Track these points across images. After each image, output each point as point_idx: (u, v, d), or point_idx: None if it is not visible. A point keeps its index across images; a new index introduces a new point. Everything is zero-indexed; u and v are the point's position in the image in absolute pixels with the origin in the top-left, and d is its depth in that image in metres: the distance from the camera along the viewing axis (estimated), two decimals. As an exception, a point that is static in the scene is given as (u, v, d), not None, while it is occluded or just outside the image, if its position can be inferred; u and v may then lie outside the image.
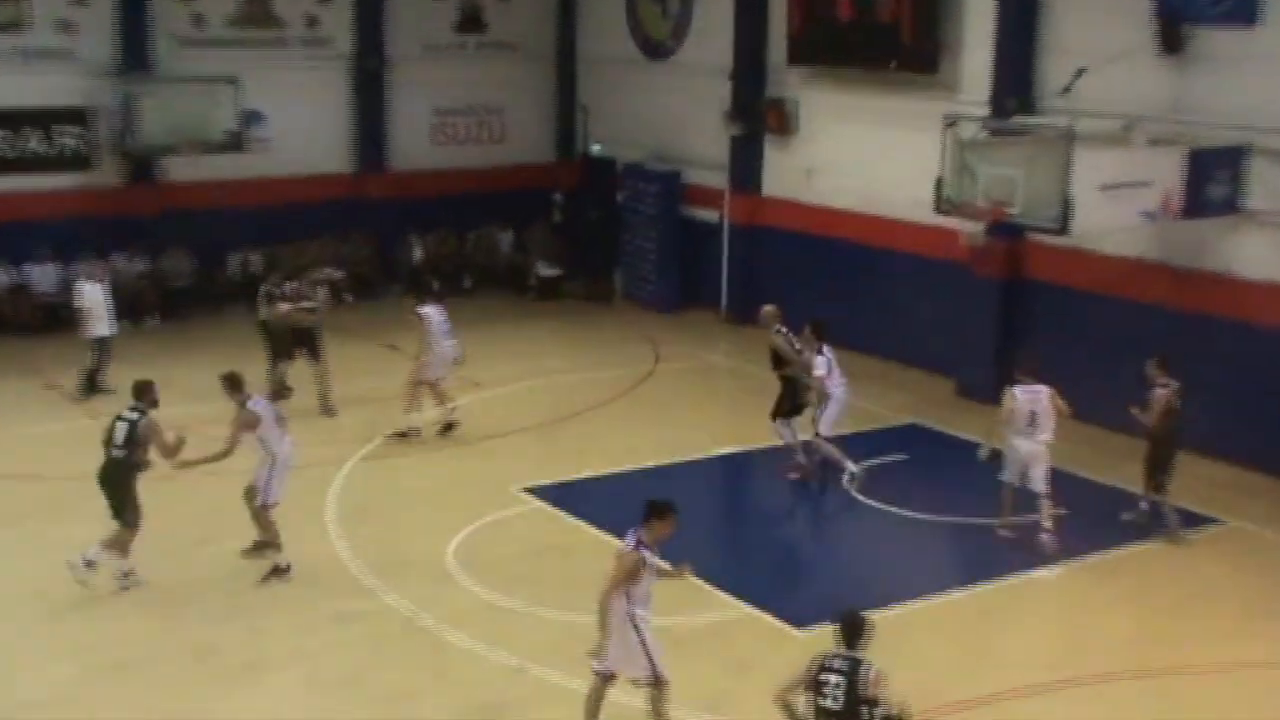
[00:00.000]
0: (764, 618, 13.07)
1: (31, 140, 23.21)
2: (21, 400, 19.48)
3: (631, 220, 26.13)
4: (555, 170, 28.51)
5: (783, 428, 17.01)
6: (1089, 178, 15.48)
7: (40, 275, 23.58)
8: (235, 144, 23.45)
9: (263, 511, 13.74)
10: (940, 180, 17.08)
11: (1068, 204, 15.46)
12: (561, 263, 27.21)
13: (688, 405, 19.90)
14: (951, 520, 15.57)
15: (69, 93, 23.13)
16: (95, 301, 19.59)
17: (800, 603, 13.48)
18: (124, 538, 13.48)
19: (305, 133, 25.48)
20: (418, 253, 26.74)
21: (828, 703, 8.77)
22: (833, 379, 16.53)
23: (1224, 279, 17.28)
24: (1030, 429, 14.73)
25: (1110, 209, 15.82)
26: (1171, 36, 17.31)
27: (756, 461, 17.43)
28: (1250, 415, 16.85)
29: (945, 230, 18.98)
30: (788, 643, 12.53)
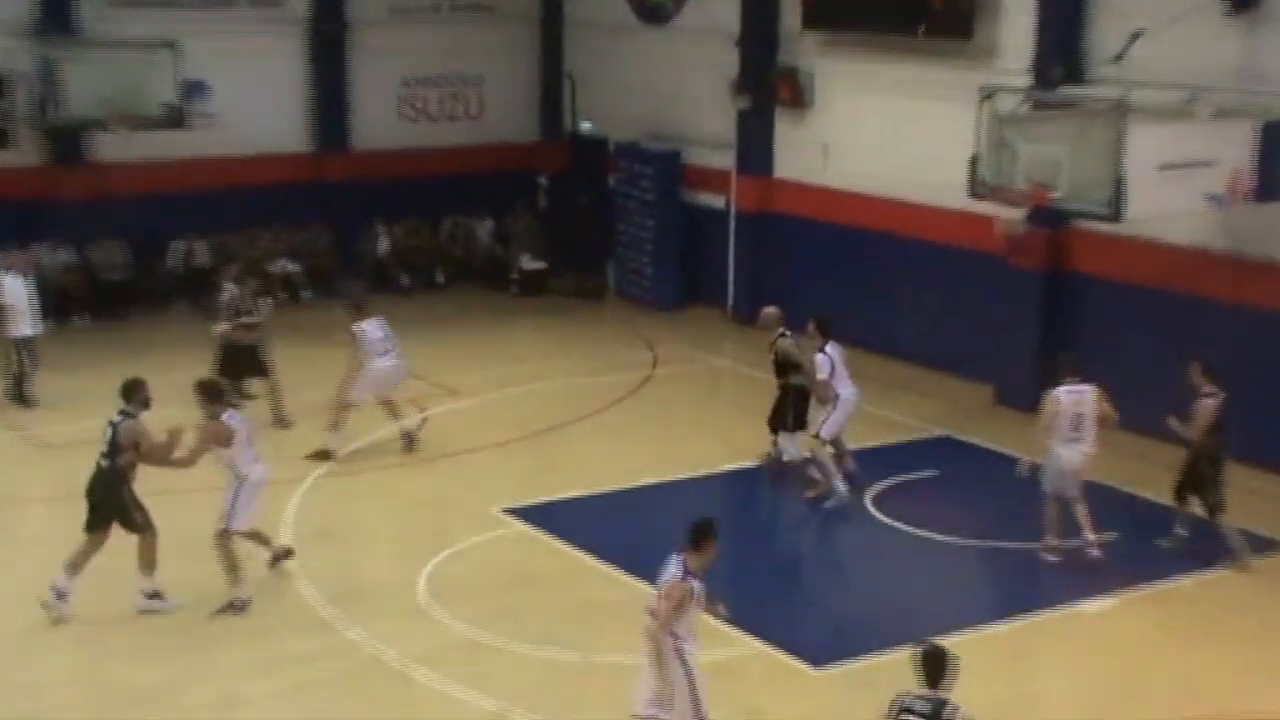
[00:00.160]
0: (776, 655, 13.06)
1: (-66, 113, 22.97)
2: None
3: (626, 207, 26.14)
4: (540, 150, 28.52)
5: (787, 442, 17.11)
6: (1145, 156, 15.49)
7: (-49, 268, 23.67)
8: (175, 119, 23.38)
9: (222, 539, 13.74)
10: (975, 160, 17.08)
11: (1120, 186, 15.46)
12: (547, 255, 27.22)
13: (689, 415, 19.91)
14: (987, 544, 15.57)
15: (-23, 57, 23.01)
16: (18, 297, 19.57)
17: (817, 638, 13.48)
18: (147, 549, 13.59)
19: (255, 107, 25.48)
20: (384, 243, 26.77)
21: None
22: (838, 380, 16.60)
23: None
24: (1075, 435, 14.78)
25: (1169, 191, 15.83)
26: (1241, -8, 17.35)
27: (766, 479, 17.43)
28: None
29: (980, 217, 18.99)
30: (803, 683, 12.52)
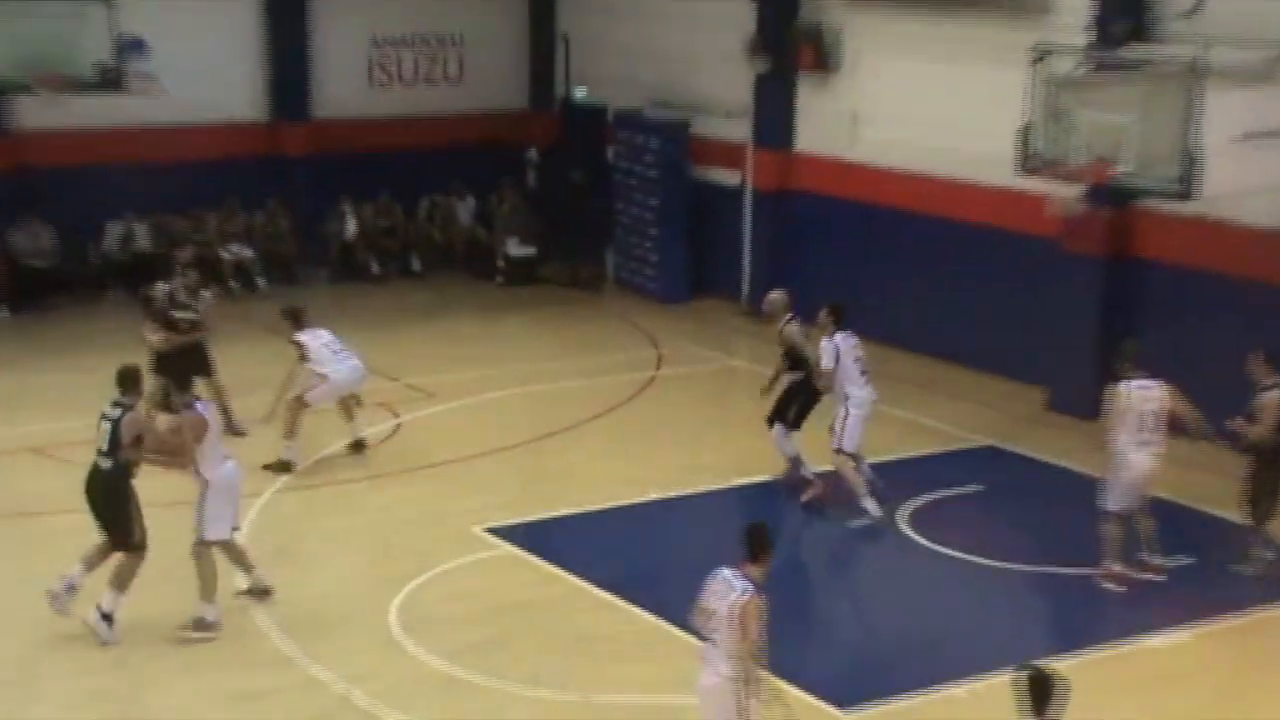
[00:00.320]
0: (796, 695, 12.99)
1: None
2: None
3: (626, 184, 26.13)
4: (528, 120, 28.53)
5: (782, 438, 17.18)
6: (1222, 125, 15.46)
7: None
8: (109, 82, 23.28)
9: (200, 549, 13.87)
10: (1026, 131, 17.05)
11: (1193, 160, 15.44)
12: (537, 240, 27.22)
13: (699, 421, 19.88)
14: (1038, 569, 15.53)
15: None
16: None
17: (842, 676, 13.46)
18: (128, 568, 13.64)
19: (203, 68, 25.48)
20: (351, 226, 26.78)
21: None
22: (847, 376, 16.58)
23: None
24: (1146, 436, 14.74)
25: (1250, 166, 15.81)
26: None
27: (787, 494, 17.38)
28: None
29: (1032, 196, 18.94)
30: (830, 727, 12.49)
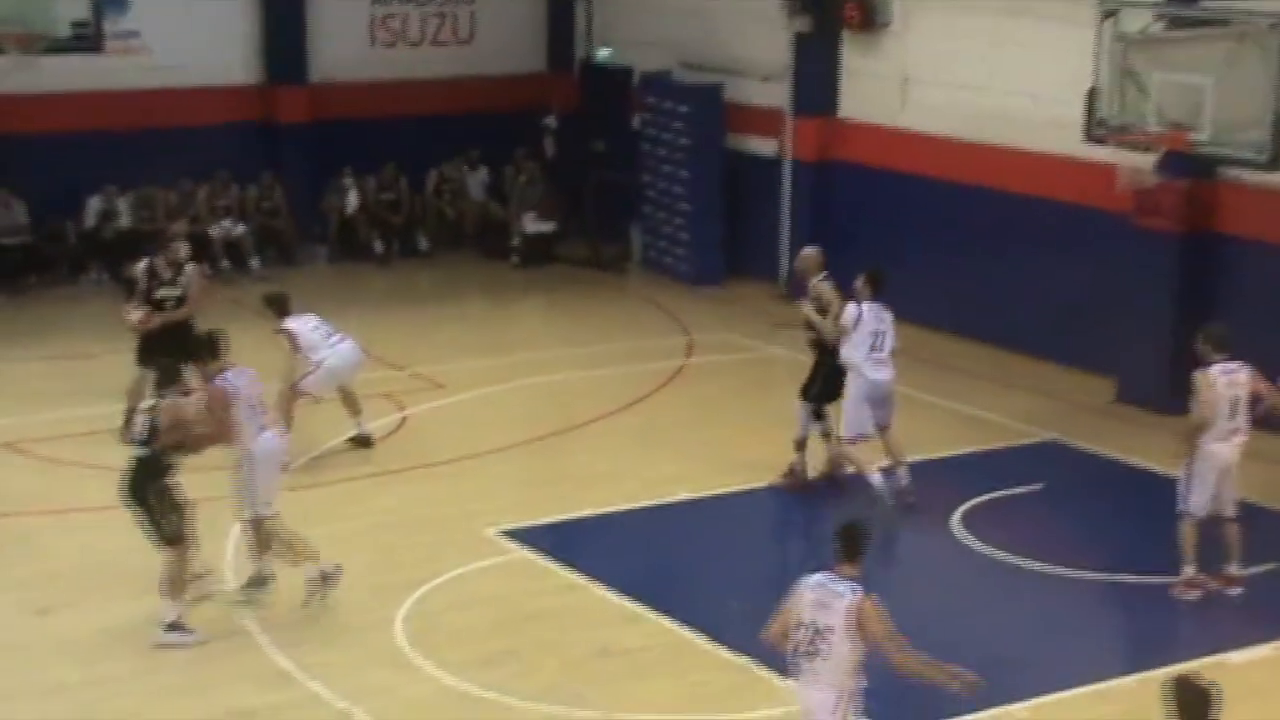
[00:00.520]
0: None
1: None
2: None
3: (654, 155, 26.13)
4: (546, 83, 28.54)
5: (802, 413, 17.28)
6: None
7: None
8: (87, 42, 23.39)
9: (256, 526, 14.27)
10: (1094, 94, 17.03)
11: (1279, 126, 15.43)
12: (555, 215, 27.24)
13: (733, 415, 19.88)
14: (1105, 577, 15.52)
15: None
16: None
17: (890, 694, 13.37)
18: (174, 567, 13.84)
19: (190, 27, 25.59)
20: (352, 200, 26.80)
21: None
22: (859, 350, 16.62)
23: None
24: (1231, 425, 14.74)
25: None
26: None
27: (828, 493, 17.43)
28: None
29: (1100, 166, 18.92)
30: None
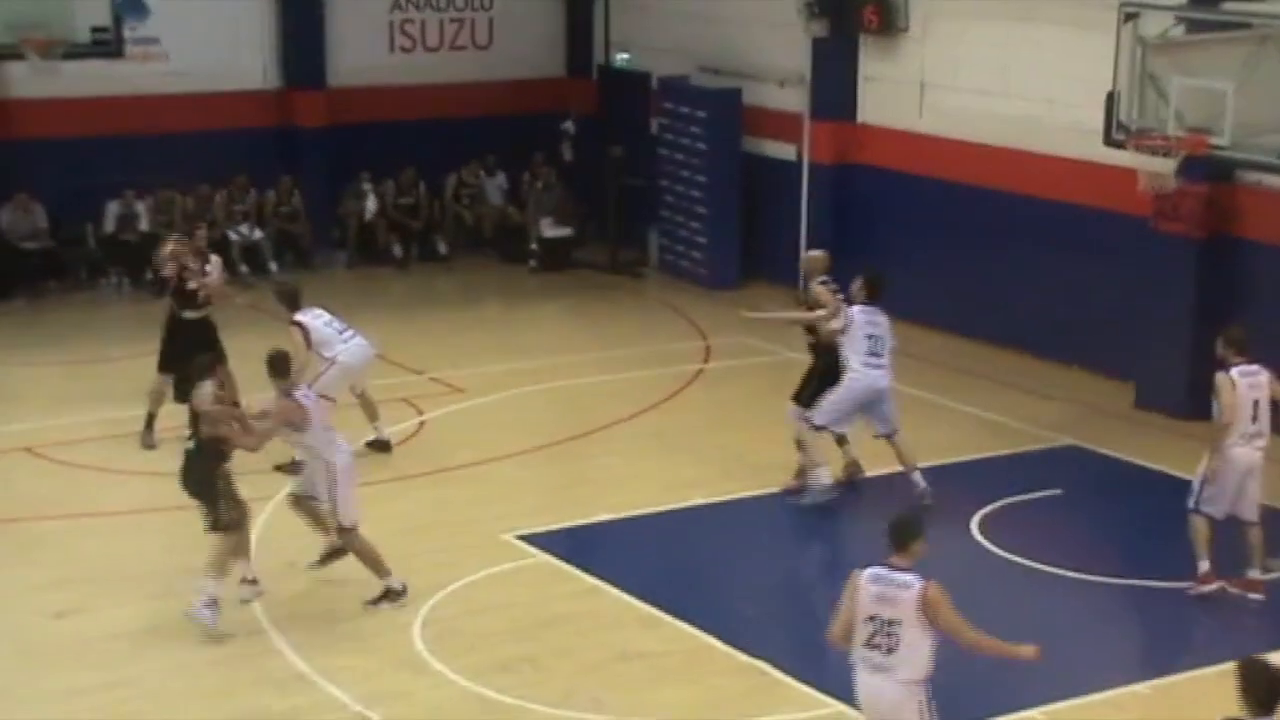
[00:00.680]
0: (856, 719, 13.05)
1: None
2: None
3: (672, 159, 26.14)
4: (565, 88, 28.57)
5: (797, 418, 17.22)
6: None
7: None
8: (108, 47, 23.44)
9: (346, 536, 14.61)
10: (1113, 98, 17.00)
11: (1299, 131, 15.43)
12: (574, 220, 27.25)
13: (751, 420, 19.85)
14: (1124, 582, 15.52)
15: None
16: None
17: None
18: (221, 550, 14.13)
19: (208, 32, 25.65)
20: (371, 204, 26.81)
21: None
22: (853, 348, 16.62)
23: None
24: (1254, 428, 14.72)
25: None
26: None
27: (848, 497, 17.44)
28: None
29: (1119, 170, 18.89)
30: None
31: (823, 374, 17.05)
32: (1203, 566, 14.90)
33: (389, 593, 14.60)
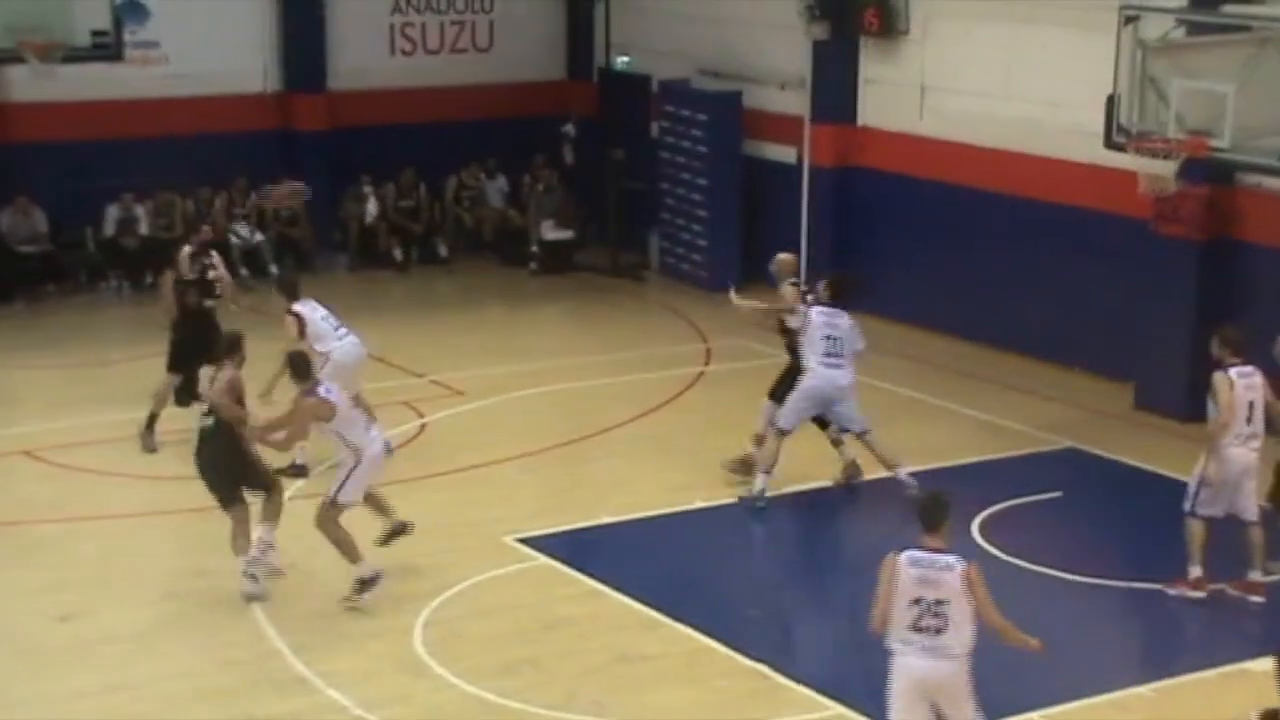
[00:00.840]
0: (857, 721, 13.07)
1: None
2: None
3: (673, 162, 26.14)
4: (565, 91, 28.57)
5: (769, 411, 17.40)
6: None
7: None
8: (108, 51, 23.42)
9: (329, 511, 14.61)
10: (1114, 101, 16.99)
11: (1299, 133, 15.42)
12: (574, 223, 27.24)
13: (751, 421, 19.73)
14: (1124, 585, 15.49)
15: None
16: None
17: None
18: (275, 505, 14.84)
19: (208, 36, 25.65)
20: (371, 207, 26.81)
21: None
22: (811, 348, 16.76)
23: None
24: (1249, 429, 14.75)
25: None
26: None
27: (847, 500, 17.44)
28: None
29: (1120, 172, 18.88)
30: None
31: (797, 373, 17.22)
32: (1194, 572, 14.91)
33: (360, 582, 14.59)
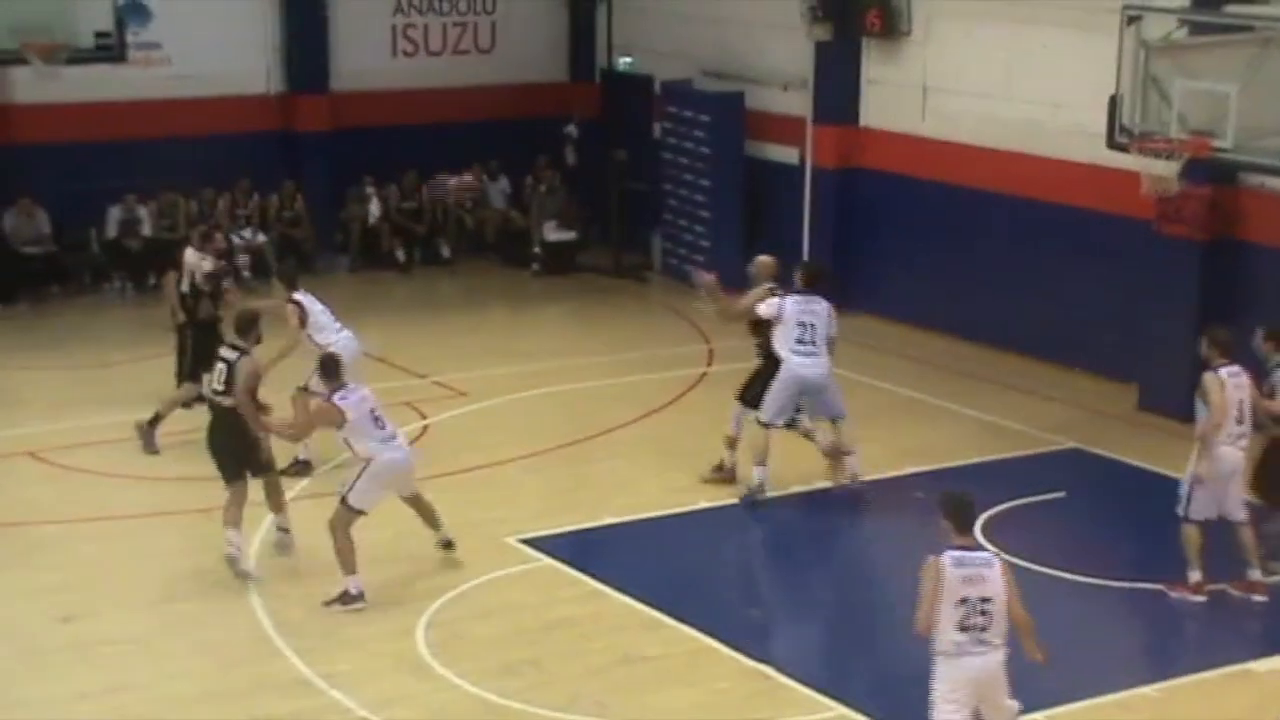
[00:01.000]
0: (856, 721, 13.06)
1: None
2: None
3: (675, 163, 26.14)
4: (567, 93, 28.57)
5: (739, 414, 17.46)
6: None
7: None
8: (111, 52, 23.40)
9: (341, 513, 14.71)
10: (1116, 101, 16.98)
11: (1305, 132, 15.42)
12: (576, 224, 27.24)
13: (753, 423, 19.85)
14: (1127, 585, 15.49)
15: None
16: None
17: (907, 703, 13.38)
18: (276, 488, 15.60)
19: (211, 37, 25.64)
20: (374, 208, 26.81)
21: None
22: (785, 337, 16.80)
23: None
24: (1239, 429, 14.82)
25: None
26: None
27: (848, 501, 17.42)
28: None
29: (1122, 173, 18.87)
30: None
31: (768, 376, 17.21)
32: (1194, 576, 14.92)
33: (345, 595, 14.60)
